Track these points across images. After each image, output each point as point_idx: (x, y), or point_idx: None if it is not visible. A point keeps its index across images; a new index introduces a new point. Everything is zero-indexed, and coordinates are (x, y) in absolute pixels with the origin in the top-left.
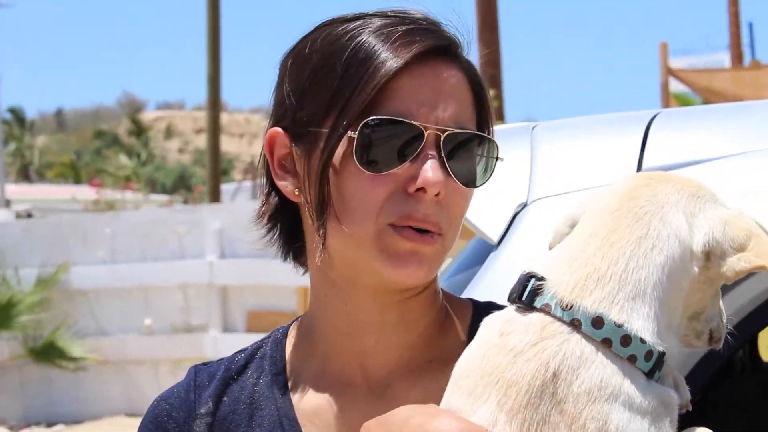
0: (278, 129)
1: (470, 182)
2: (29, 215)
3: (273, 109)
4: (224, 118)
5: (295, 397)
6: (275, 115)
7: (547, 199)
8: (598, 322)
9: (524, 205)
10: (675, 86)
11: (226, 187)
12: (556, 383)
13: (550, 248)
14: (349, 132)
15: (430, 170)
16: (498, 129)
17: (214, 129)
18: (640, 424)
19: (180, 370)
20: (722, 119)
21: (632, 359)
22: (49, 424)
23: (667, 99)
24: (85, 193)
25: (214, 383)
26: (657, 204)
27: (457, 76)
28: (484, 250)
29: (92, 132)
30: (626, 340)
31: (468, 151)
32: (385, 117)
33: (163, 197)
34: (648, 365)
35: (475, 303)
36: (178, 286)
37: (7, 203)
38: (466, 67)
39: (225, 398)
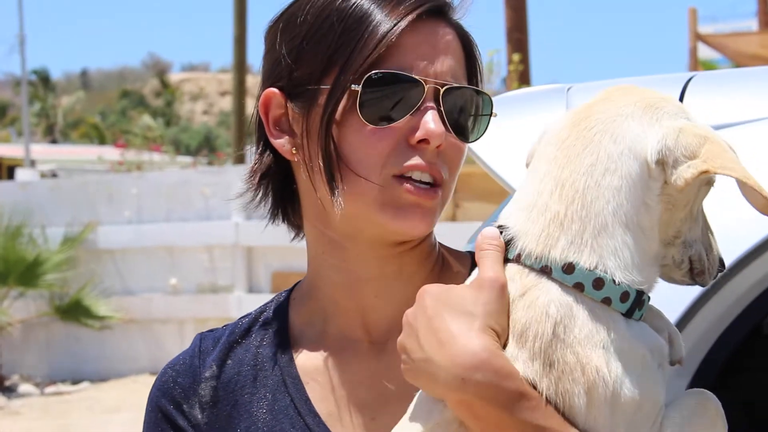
0: (274, 90)
1: (466, 137)
2: (54, 175)
3: (266, 72)
4: (249, 80)
5: (298, 357)
6: (270, 77)
7: None
8: (569, 268)
9: None
10: (702, 53)
11: (251, 149)
12: (561, 329)
13: (526, 166)
14: (353, 85)
15: (432, 121)
16: (533, 90)
17: (240, 91)
18: (631, 368)
19: (205, 329)
20: (758, 82)
21: (607, 301)
22: (75, 382)
23: (695, 65)
24: (110, 153)
25: (218, 348)
26: (607, 120)
27: (451, 35)
28: None
29: (118, 92)
30: (599, 283)
31: (464, 106)
32: (387, 71)
33: (189, 159)
34: (625, 306)
35: (472, 254)
36: (204, 246)
37: (32, 163)
38: (458, 28)
39: (229, 361)
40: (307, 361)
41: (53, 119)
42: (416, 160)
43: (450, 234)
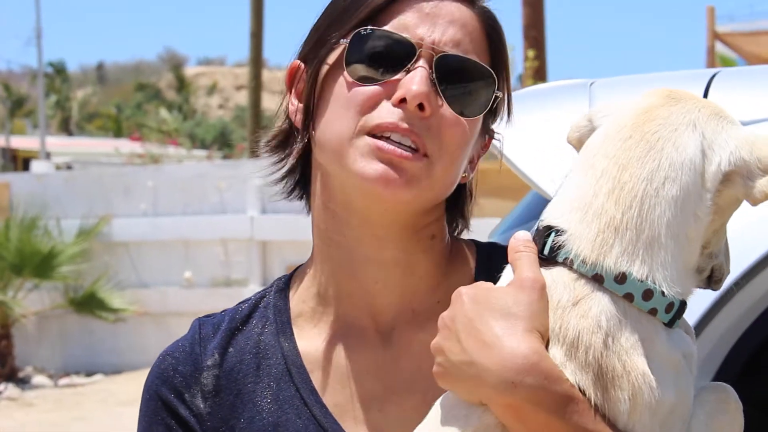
0: (296, 62)
1: (465, 111)
2: (69, 167)
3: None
4: (265, 74)
5: (301, 344)
6: (300, 51)
7: None
8: (621, 278)
9: None
10: (719, 51)
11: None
12: (610, 340)
13: (568, 141)
14: (342, 40)
15: (415, 83)
16: (556, 86)
17: (256, 85)
18: (670, 374)
19: None
20: None
21: (653, 312)
22: (89, 374)
23: (713, 63)
24: (125, 146)
25: (219, 334)
26: (671, 126)
27: (467, 14)
28: (540, 205)
29: (134, 85)
30: (648, 294)
31: (465, 81)
32: (378, 28)
33: (205, 153)
34: (668, 316)
35: (477, 243)
36: (219, 240)
37: (48, 155)
38: (481, 12)
39: (231, 349)
40: (311, 349)
41: (68, 112)
42: (391, 118)
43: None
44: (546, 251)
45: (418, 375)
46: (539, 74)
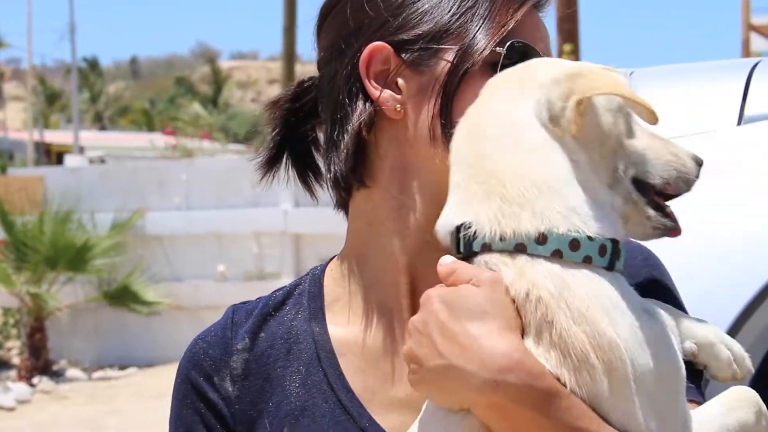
0: (382, 44)
1: None
2: (102, 161)
3: (357, 24)
4: (298, 69)
5: (333, 330)
6: (368, 30)
7: None
8: (542, 238)
9: None
10: (755, 45)
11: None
12: (564, 304)
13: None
14: (498, 48)
15: None
16: None
17: (289, 80)
18: (634, 324)
19: None
20: None
21: (588, 260)
22: (122, 367)
23: (748, 55)
24: (158, 140)
25: (251, 320)
26: (491, 104)
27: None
28: None
29: (168, 80)
30: (575, 244)
31: None
32: (527, 43)
33: (240, 147)
34: (605, 260)
35: None
36: (252, 233)
37: (81, 149)
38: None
39: (262, 334)
40: (344, 334)
41: (101, 106)
42: None
43: None
44: (462, 248)
45: None
46: None
